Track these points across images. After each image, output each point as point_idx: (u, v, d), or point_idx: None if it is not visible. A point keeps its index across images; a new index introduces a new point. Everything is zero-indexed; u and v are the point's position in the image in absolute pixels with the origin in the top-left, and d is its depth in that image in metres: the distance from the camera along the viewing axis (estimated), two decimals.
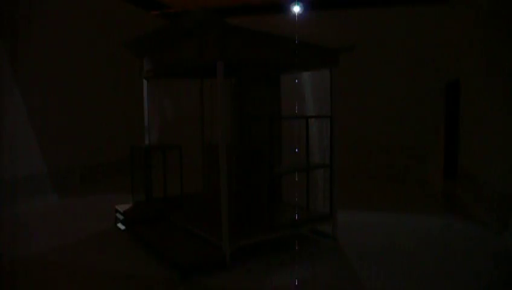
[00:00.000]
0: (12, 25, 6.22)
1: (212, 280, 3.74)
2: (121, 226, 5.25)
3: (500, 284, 3.80)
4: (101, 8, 8.38)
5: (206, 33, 3.96)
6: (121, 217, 5.25)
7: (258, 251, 4.29)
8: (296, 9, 8.96)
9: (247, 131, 5.62)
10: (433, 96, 9.13)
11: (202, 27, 3.95)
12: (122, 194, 6.27)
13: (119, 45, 5.73)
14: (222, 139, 3.87)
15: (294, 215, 4.69)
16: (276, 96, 5.41)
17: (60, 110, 7.24)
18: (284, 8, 9.28)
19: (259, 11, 9.94)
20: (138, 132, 6.12)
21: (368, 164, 9.39)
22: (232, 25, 3.80)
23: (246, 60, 4.22)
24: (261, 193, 4.45)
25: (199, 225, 4.52)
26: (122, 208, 5.36)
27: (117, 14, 8.89)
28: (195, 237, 4.38)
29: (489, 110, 5.81)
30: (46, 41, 6.91)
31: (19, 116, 6.35)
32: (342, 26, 9.42)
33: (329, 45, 4.60)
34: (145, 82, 5.71)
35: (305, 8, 9.06)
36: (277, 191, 5.29)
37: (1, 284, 3.86)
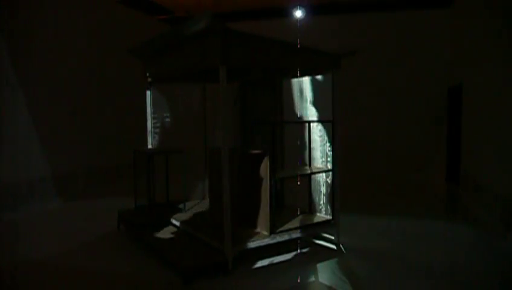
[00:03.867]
0: (13, 29, 6.27)
1: (215, 284, 3.74)
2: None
3: (503, 287, 3.79)
4: (104, 13, 8.43)
5: (209, 38, 3.98)
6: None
7: (261, 255, 4.29)
8: (298, 13, 8.98)
9: (250, 135, 5.64)
10: (436, 100, 9.12)
11: (205, 32, 3.97)
12: (125, 198, 6.27)
13: (123, 50, 5.75)
14: (225, 143, 3.88)
15: (297, 220, 4.69)
16: (279, 100, 5.42)
17: (63, 113, 7.27)
18: (286, 13, 9.30)
19: (262, 15, 9.98)
20: (141, 136, 6.14)
21: (370, 168, 9.37)
22: (235, 30, 3.83)
23: (249, 65, 4.24)
24: (264, 197, 4.45)
25: (202, 229, 4.53)
26: (125, 212, 5.36)
27: (120, 18, 8.94)
28: (198, 241, 4.38)
29: (491, 114, 5.81)
30: (50, 44, 6.95)
31: (21, 119, 6.38)
32: (343, 31, 9.44)
33: (331, 50, 4.61)
34: (148, 86, 5.73)
35: (307, 13, 9.08)
36: (279, 195, 5.29)
37: (3, 288, 3.86)
